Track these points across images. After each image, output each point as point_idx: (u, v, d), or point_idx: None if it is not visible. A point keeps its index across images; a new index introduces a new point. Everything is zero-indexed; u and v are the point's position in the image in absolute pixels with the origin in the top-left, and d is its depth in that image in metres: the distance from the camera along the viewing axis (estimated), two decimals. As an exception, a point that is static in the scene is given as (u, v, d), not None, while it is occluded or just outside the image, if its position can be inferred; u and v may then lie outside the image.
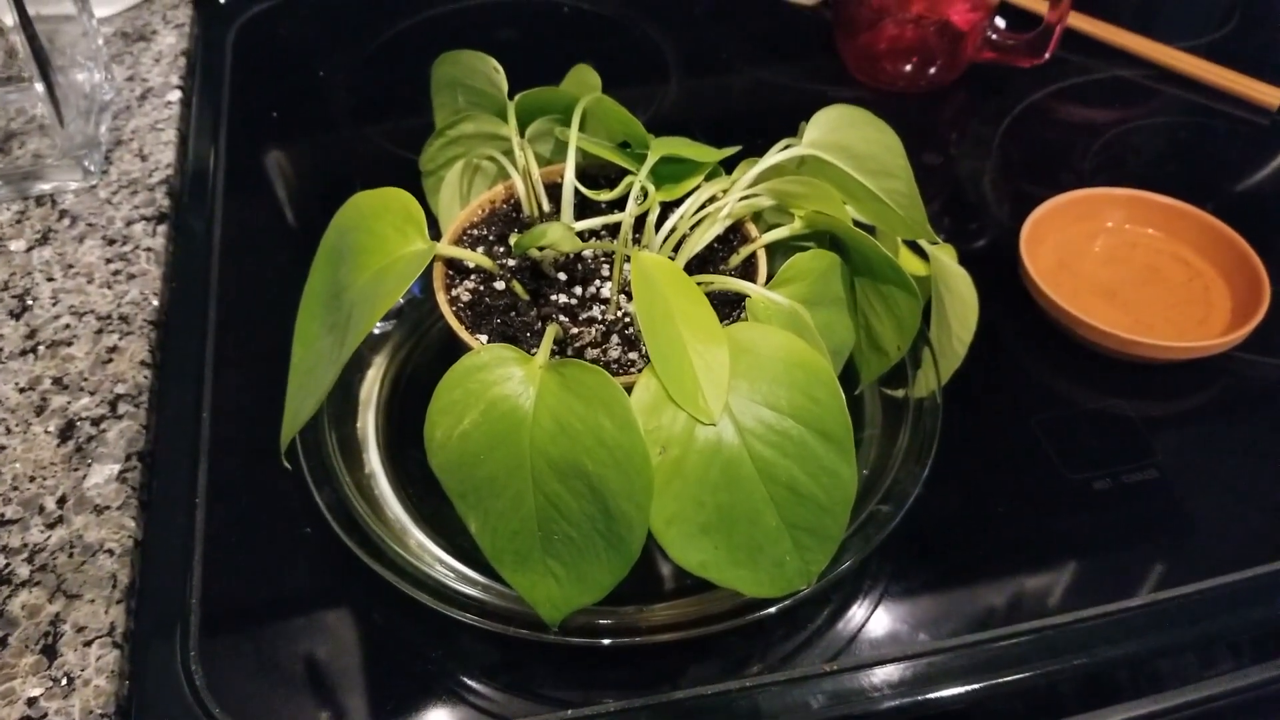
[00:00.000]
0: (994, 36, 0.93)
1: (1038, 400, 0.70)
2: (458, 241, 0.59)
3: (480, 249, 0.58)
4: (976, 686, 0.56)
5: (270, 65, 0.99)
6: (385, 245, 0.53)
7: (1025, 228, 0.76)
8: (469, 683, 0.56)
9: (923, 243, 0.61)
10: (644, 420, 0.46)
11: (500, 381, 0.47)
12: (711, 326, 0.49)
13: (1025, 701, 0.58)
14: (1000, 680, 0.56)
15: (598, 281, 0.57)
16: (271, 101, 0.94)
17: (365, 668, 0.56)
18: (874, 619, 0.58)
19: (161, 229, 0.79)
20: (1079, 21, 1.01)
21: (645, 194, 0.57)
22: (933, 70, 0.93)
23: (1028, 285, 0.74)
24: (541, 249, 0.55)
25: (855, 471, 0.48)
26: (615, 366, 0.52)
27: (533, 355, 0.49)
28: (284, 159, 0.88)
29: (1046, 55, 0.90)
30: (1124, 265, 0.77)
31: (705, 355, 0.48)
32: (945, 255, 0.62)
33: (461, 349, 0.52)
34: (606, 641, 0.54)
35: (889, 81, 0.95)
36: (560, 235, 0.51)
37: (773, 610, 0.54)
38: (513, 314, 0.55)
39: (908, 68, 0.94)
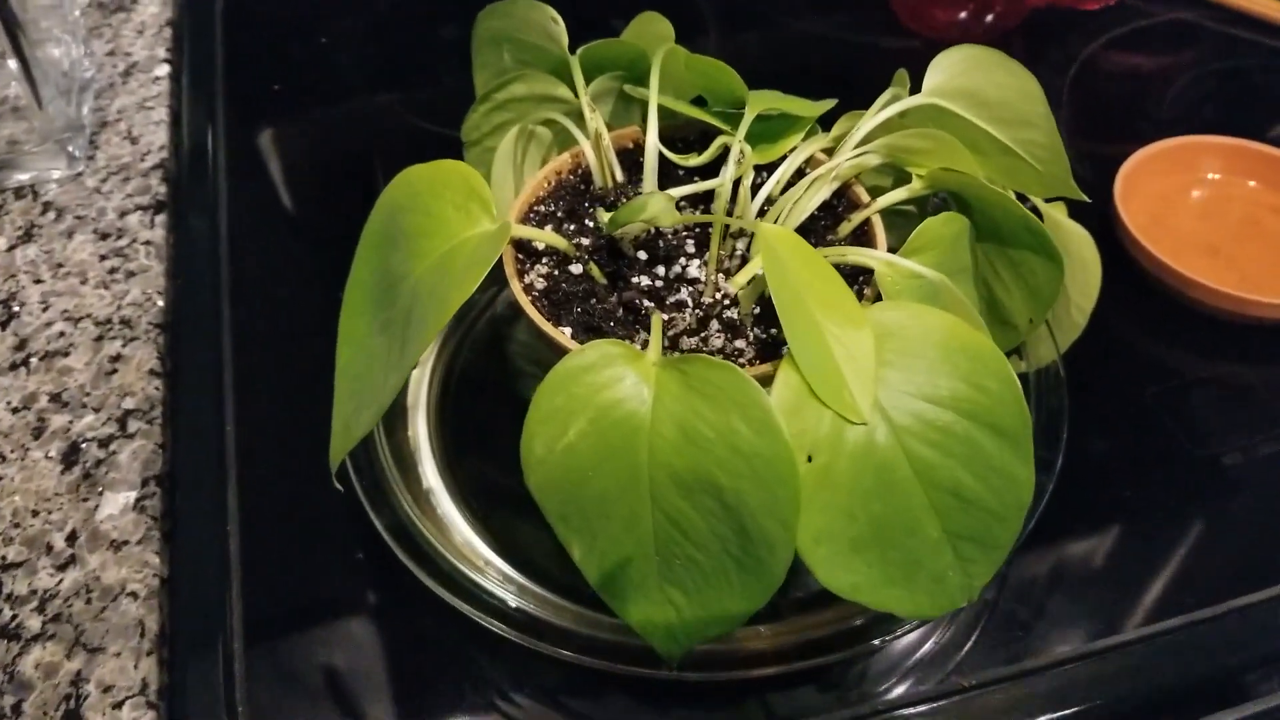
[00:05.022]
0: (1055, -22, 0.86)
1: (1151, 371, 0.64)
2: (524, 219, 0.51)
3: (548, 227, 0.51)
4: (1116, 697, 0.50)
5: (267, 33, 0.91)
6: (447, 227, 0.46)
7: (1118, 182, 0.69)
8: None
9: (1037, 201, 0.54)
10: (787, 423, 0.39)
11: (610, 384, 0.40)
12: (850, 308, 0.42)
13: (1175, 700, 0.52)
14: (1147, 684, 0.50)
15: (682, 259, 0.50)
16: (271, 73, 0.86)
17: (435, 710, 0.49)
18: (998, 624, 0.52)
19: (160, 219, 0.71)
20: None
21: (741, 157, 0.49)
22: (990, 18, 0.87)
23: (1126, 244, 0.67)
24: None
25: (1032, 470, 0.41)
26: (721, 357, 0.45)
27: (643, 351, 0.41)
28: (291, 136, 0.80)
29: (1115, -4, 0.84)
30: (1222, 219, 0.71)
31: (846, 342, 0.41)
32: (1058, 213, 0.55)
33: (525, 338, 0.45)
34: (695, 676, 0.48)
35: (942, 30, 0.88)
36: (661, 208, 0.44)
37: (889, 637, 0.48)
38: (593, 301, 0.48)
39: (963, 15, 0.87)
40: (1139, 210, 0.70)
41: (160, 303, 0.65)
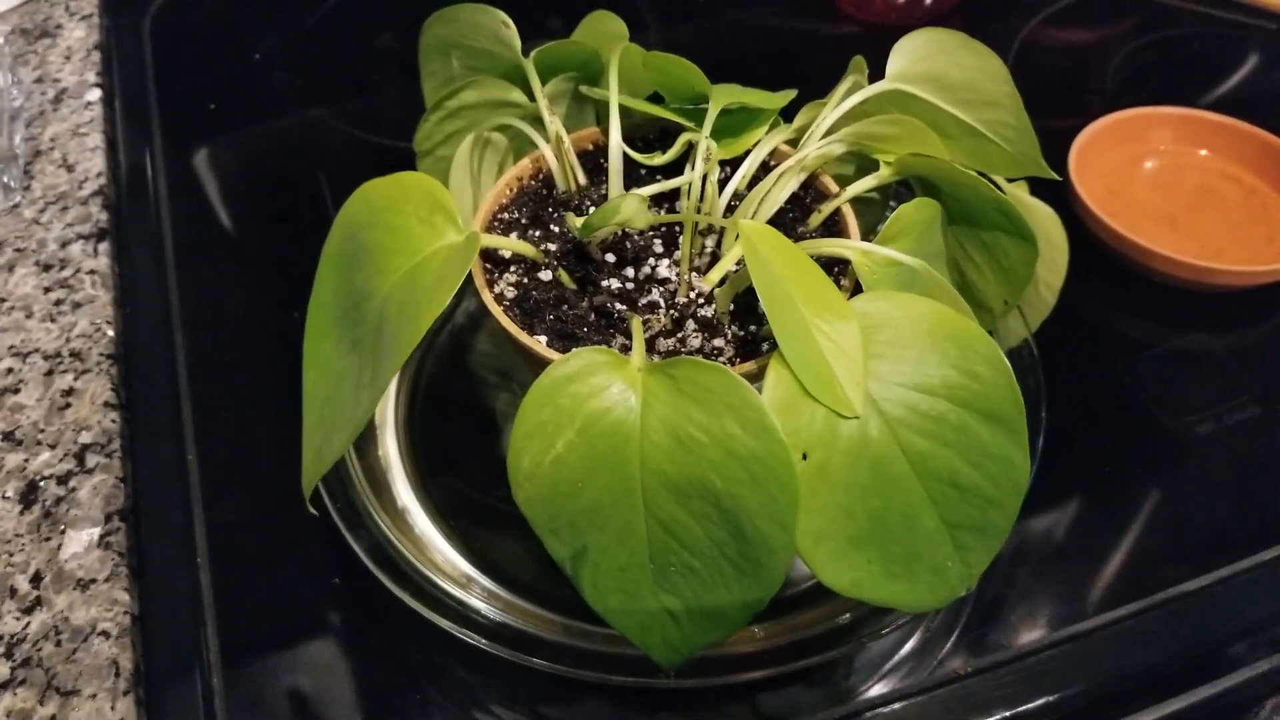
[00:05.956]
0: (990, -44, 0.86)
1: (1117, 343, 0.64)
2: (488, 228, 0.50)
3: (513, 235, 0.50)
4: (1108, 676, 0.50)
5: (197, 52, 0.89)
6: (410, 241, 0.45)
7: (1072, 156, 0.69)
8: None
9: (1000, 181, 0.53)
10: (781, 422, 0.38)
11: (597, 393, 0.39)
12: (834, 301, 0.41)
13: (1165, 674, 0.52)
14: (1137, 660, 0.50)
15: (652, 260, 0.49)
16: (206, 92, 0.84)
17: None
18: (984, 613, 0.52)
19: (103, 247, 0.68)
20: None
21: (708, 153, 0.49)
22: (929, 1, 0.86)
23: (1084, 218, 0.67)
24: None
25: (1028, 454, 0.40)
26: (700, 357, 0.44)
27: (627, 357, 0.40)
28: (231, 155, 0.78)
29: (1051, -29, 0.84)
30: (1176, 189, 0.71)
31: (833, 335, 0.40)
32: (1021, 192, 0.55)
33: (525, 357, 0.44)
34: (692, 683, 0.47)
35: (881, 14, 0.87)
36: (635, 210, 0.43)
37: (891, 628, 0.47)
38: (564, 307, 0.47)
39: (901, -1, 0.87)
40: (1094, 184, 0.70)
41: (110, 333, 0.63)
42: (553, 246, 0.49)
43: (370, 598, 0.49)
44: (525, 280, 0.48)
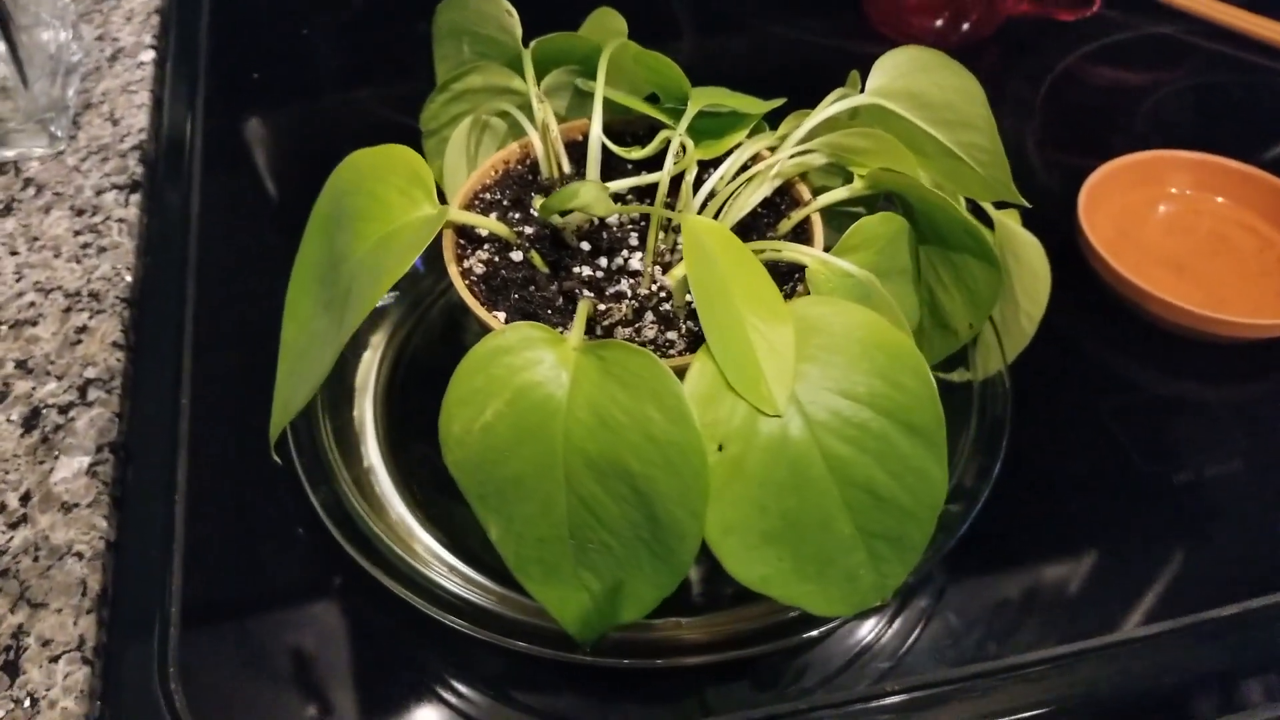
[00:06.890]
0: (1035, -12, 0.86)
1: (1106, 384, 0.64)
2: (468, 206, 0.52)
3: (493, 214, 0.52)
4: (1051, 708, 0.50)
5: (250, 23, 0.92)
6: (389, 211, 0.47)
7: (1082, 194, 0.69)
8: (481, 703, 0.50)
9: (986, 207, 0.54)
10: (699, 412, 0.39)
11: (529, 366, 0.41)
12: (774, 302, 0.42)
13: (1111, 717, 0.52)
14: (1075, 700, 0.50)
15: (625, 252, 0.50)
16: (252, 62, 0.87)
17: (363, 685, 0.50)
18: (934, 632, 0.52)
19: (134, 199, 0.72)
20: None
21: (683, 151, 0.50)
22: (965, 26, 0.87)
23: (1088, 257, 0.67)
24: (564, 214, 0.48)
25: (946, 470, 0.41)
26: (652, 348, 0.46)
27: (564, 335, 0.42)
28: (266, 123, 0.81)
29: (1094, 7, 0.84)
30: (1189, 235, 0.71)
31: (768, 335, 0.41)
32: (1011, 220, 0.55)
33: (478, 329, 0.46)
34: (626, 662, 0.48)
35: (918, 37, 0.87)
36: (594, 197, 0.44)
37: (815, 633, 0.48)
38: (532, 288, 0.48)
39: (938, 22, 0.87)
40: (1105, 223, 0.70)
41: (129, 278, 0.66)
42: (529, 230, 0.51)
43: (329, 551, 0.51)
44: (496, 259, 0.49)
